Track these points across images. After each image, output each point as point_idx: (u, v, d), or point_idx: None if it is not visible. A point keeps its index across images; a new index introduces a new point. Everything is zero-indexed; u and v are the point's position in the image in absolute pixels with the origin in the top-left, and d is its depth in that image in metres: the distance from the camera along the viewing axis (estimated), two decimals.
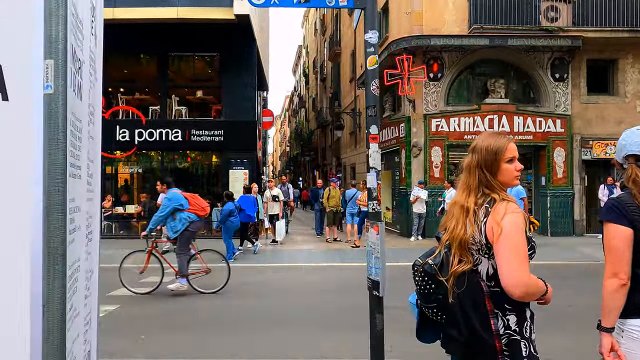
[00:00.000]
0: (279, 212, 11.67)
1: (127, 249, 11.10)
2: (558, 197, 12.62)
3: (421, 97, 12.75)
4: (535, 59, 12.77)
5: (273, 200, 11.55)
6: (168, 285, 7.05)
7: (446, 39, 11.93)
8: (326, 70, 28.65)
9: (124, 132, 12.87)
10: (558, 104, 12.81)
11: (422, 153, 12.73)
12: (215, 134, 12.86)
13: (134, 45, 13.02)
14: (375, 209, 2.99)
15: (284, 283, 7.61)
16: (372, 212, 3.01)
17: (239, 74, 12.97)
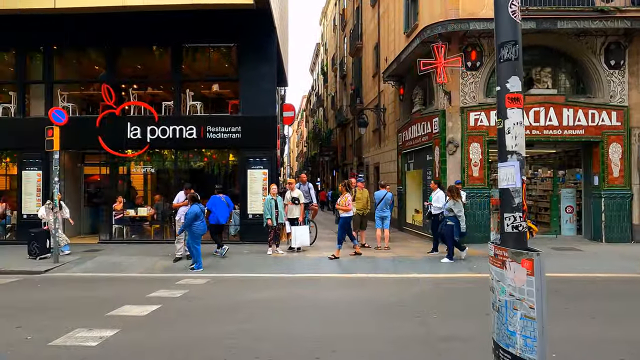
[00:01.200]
0: (300, 215, 10.61)
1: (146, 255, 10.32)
2: (614, 199, 11.24)
3: (457, 89, 11.54)
4: (586, 44, 11.42)
5: (293, 203, 10.50)
6: None
7: (487, 23, 10.69)
8: (346, 67, 27.56)
9: (135, 130, 12.02)
10: (613, 94, 11.43)
11: (458, 150, 11.51)
12: (232, 131, 11.90)
13: (146, 36, 12.19)
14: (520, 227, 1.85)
15: (304, 301, 6.52)
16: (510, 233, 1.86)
17: (258, 66, 11.98)
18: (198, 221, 8.56)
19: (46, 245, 10.00)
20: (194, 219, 8.48)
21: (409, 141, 14.20)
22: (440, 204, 9.90)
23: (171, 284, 7.58)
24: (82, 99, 13.50)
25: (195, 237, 8.60)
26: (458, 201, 9.16)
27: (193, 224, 8.51)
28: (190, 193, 9.06)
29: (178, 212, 9.44)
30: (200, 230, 8.64)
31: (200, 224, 8.62)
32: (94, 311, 5.73)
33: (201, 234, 8.70)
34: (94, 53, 12.73)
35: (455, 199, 9.16)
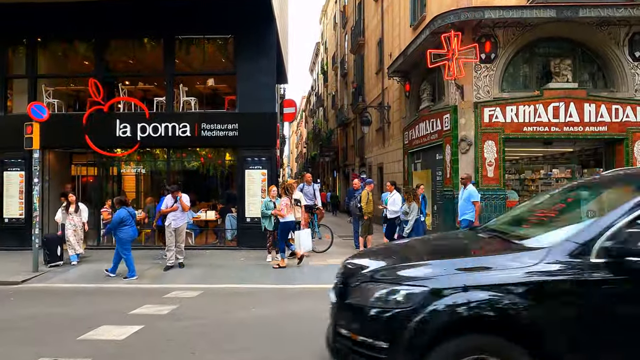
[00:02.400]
0: (302, 219, 9.80)
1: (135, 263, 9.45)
2: None
3: (470, 83, 10.74)
4: (609, 35, 10.64)
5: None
6: None
7: (503, 11, 9.91)
8: (347, 65, 26.78)
9: (125, 127, 11.20)
10: (638, 88, 10.64)
11: (472, 148, 10.71)
12: (228, 129, 11.09)
13: (137, 28, 11.38)
14: None
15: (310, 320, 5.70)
16: None
17: (256, 59, 11.18)
18: (126, 226, 7.97)
19: (57, 253, 9.19)
20: (119, 223, 7.89)
21: (416, 140, 13.40)
22: (396, 207, 9.05)
23: (159, 297, 6.77)
24: (69, 95, 12.70)
25: (123, 243, 8.00)
26: (413, 204, 8.33)
27: (119, 229, 7.91)
28: (117, 198, 8.55)
29: (167, 217, 8.60)
30: (128, 235, 8.05)
31: (129, 229, 8.03)
32: (63, 334, 4.91)
33: (129, 240, 8.10)
34: (82, 46, 11.91)
35: (410, 202, 8.39)
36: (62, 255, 9.26)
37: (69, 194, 9.61)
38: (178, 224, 8.65)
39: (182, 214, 8.69)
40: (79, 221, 9.43)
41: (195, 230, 11.59)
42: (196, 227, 11.67)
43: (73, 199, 9.50)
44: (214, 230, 11.91)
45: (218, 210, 11.81)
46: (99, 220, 11.41)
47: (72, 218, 9.36)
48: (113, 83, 12.06)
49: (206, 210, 11.77)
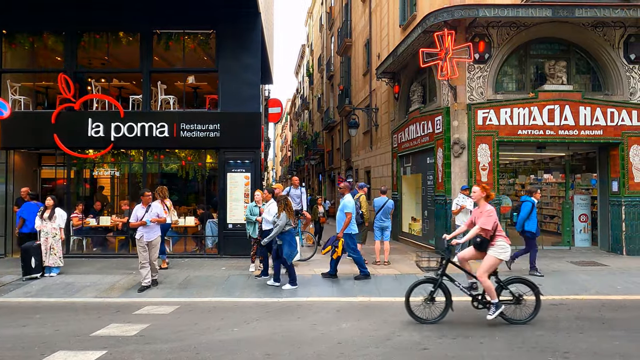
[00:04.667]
0: None
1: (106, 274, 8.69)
2: (635, 207, 10.18)
3: (464, 84, 10.35)
4: (604, 37, 10.39)
5: None
6: None
7: (498, 9, 9.53)
8: (334, 66, 26.33)
9: (97, 127, 10.44)
10: (633, 91, 10.42)
11: (465, 152, 10.30)
12: (210, 129, 10.43)
13: (111, 21, 10.64)
14: None
15: (298, 344, 5.10)
16: None
17: (240, 56, 10.57)
18: None
19: (31, 264, 8.17)
20: None
21: (406, 143, 12.96)
22: (271, 216, 7.97)
23: (129, 313, 6.08)
24: (37, 92, 11.83)
25: None
26: (283, 214, 7.37)
27: None
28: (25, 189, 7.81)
29: (138, 230, 7.41)
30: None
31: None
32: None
33: None
34: (51, 39, 11.09)
35: (281, 211, 7.39)
36: (39, 267, 8.26)
37: (47, 198, 8.67)
38: (151, 237, 7.44)
39: (155, 225, 7.55)
40: (52, 229, 8.48)
41: (173, 237, 10.87)
42: (174, 233, 10.96)
43: (50, 203, 8.52)
44: (193, 237, 11.21)
45: (198, 215, 11.12)
46: (68, 225, 10.58)
47: (45, 225, 8.44)
48: (85, 79, 11.29)
49: (185, 216, 11.06)
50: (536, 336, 4.92)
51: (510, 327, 5.29)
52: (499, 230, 5.46)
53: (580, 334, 4.98)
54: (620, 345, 4.61)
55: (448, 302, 5.42)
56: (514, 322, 5.35)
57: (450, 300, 5.43)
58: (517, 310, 5.42)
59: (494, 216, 5.42)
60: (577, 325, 5.32)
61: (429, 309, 5.44)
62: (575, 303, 6.44)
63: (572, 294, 6.91)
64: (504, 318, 5.38)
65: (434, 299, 5.44)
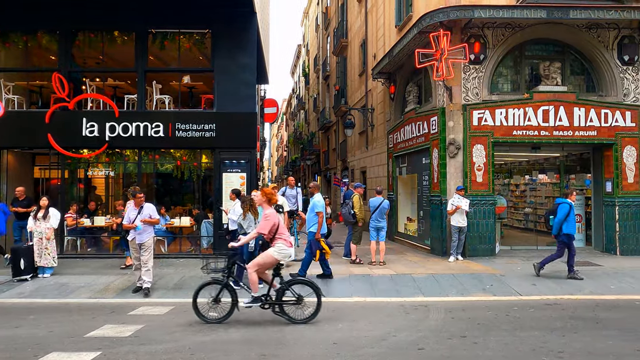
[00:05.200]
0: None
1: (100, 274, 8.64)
2: (629, 207, 10.24)
3: (459, 84, 10.38)
4: (598, 38, 10.46)
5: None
6: None
7: (494, 10, 9.56)
8: (330, 67, 26.33)
9: (92, 126, 10.38)
10: (627, 92, 10.49)
11: (460, 152, 10.33)
12: (205, 129, 10.40)
13: (106, 20, 10.57)
14: None
15: (291, 345, 5.10)
16: None
17: (236, 55, 10.54)
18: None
19: (20, 266, 8.06)
20: None
21: (402, 143, 12.98)
22: (236, 216, 7.84)
23: (123, 314, 6.05)
24: (31, 91, 11.75)
25: None
26: (248, 215, 7.31)
27: None
28: None
29: (130, 232, 7.20)
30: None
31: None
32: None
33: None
34: (45, 38, 11.00)
35: (246, 212, 7.32)
36: (29, 269, 8.15)
37: (42, 198, 8.61)
38: (143, 239, 7.15)
39: (148, 226, 7.30)
40: (46, 228, 8.39)
41: (168, 237, 10.84)
42: (169, 234, 10.92)
43: (45, 203, 8.43)
44: (188, 237, 11.17)
45: (193, 215, 11.09)
46: (62, 225, 10.51)
47: (39, 225, 8.37)
48: (80, 79, 11.22)
49: (180, 216, 11.02)
50: (531, 336, 4.94)
51: (505, 327, 5.31)
52: (279, 233, 5.61)
53: (574, 334, 5.01)
54: (613, 345, 4.64)
55: (234, 302, 5.55)
56: (295, 322, 5.46)
57: (237, 300, 5.56)
58: (298, 310, 5.53)
59: (272, 220, 5.59)
60: (571, 325, 5.35)
61: (214, 310, 5.57)
62: (569, 303, 6.48)
63: (566, 294, 6.94)
64: (286, 317, 5.48)
65: (219, 299, 5.58)
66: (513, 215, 14.67)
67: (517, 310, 6.08)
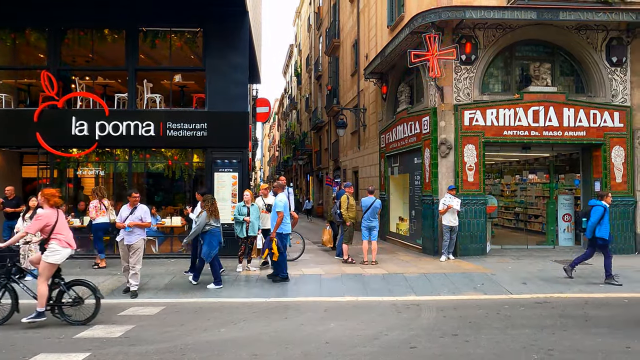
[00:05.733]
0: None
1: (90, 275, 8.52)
2: (617, 207, 10.38)
3: (451, 84, 10.44)
4: (587, 40, 10.59)
5: (267, 211, 9.05)
6: None
7: (485, 11, 9.64)
8: (322, 67, 26.34)
9: (81, 125, 10.25)
10: (615, 93, 10.63)
11: (452, 152, 10.39)
12: (196, 128, 10.34)
13: (96, 18, 10.45)
14: None
15: (286, 344, 5.09)
16: None
17: (227, 55, 10.49)
18: None
19: None
20: None
21: (394, 143, 13.02)
22: (195, 216, 8.01)
23: (113, 314, 5.99)
24: (19, 89, 11.59)
25: None
26: (203, 213, 7.46)
27: None
28: None
29: (120, 232, 7.12)
30: None
31: None
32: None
33: None
34: (34, 35, 10.85)
35: (202, 211, 7.50)
36: None
37: (30, 198, 8.46)
38: (131, 240, 6.97)
39: (138, 228, 7.13)
40: None
41: (159, 237, 10.75)
42: (160, 233, 10.83)
43: (34, 203, 8.30)
44: (180, 237, 11.07)
45: (185, 215, 11.00)
46: None
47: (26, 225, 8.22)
48: (69, 77, 11.08)
49: (172, 216, 10.94)
50: (521, 334, 4.98)
51: (495, 326, 5.34)
52: (55, 234, 5.49)
53: (564, 332, 5.06)
54: (603, 342, 4.69)
55: (14, 304, 5.51)
56: (74, 323, 5.44)
57: (17, 302, 5.51)
58: (77, 311, 5.53)
59: (44, 220, 5.45)
60: (561, 323, 5.40)
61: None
62: (559, 301, 6.55)
63: (556, 292, 7.01)
64: (65, 320, 5.47)
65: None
66: (504, 215, 14.80)
67: (508, 308, 6.13)
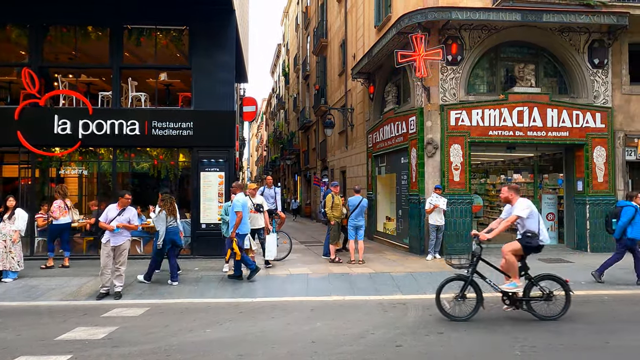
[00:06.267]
0: (265, 225, 9.18)
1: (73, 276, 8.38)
2: (599, 205, 10.58)
3: (437, 85, 10.52)
4: (570, 42, 10.77)
5: (256, 211, 9.01)
6: None
7: (470, 12, 9.75)
8: (310, 66, 26.33)
9: (64, 124, 10.07)
10: (597, 94, 10.83)
11: (438, 152, 10.47)
12: (182, 127, 10.23)
13: (80, 14, 10.27)
14: None
15: (272, 344, 5.07)
16: None
17: (214, 53, 10.40)
18: None
19: None
20: None
21: (381, 143, 13.08)
22: (155, 215, 8.10)
23: (97, 316, 5.89)
24: (0, 87, 11.33)
25: None
26: (163, 212, 7.58)
27: None
28: None
29: (105, 233, 6.90)
30: None
31: None
32: None
33: None
34: (15, 31, 10.62)
35: (161, 209, 7.61)
36: None
37: (8, 198, 8.26)
38: (118, 242, 6.86)
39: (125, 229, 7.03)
40: (11, 230, 8.00)
41: (144, 237, 10.61)
42: (146, 234, 10.68)
43: (12, 203, 8.08)
44: None
45: None
46: (33, 226, 10.18)
47: (4, 226, 8.03)
48: (51, 75, 10.89)
49: None
50: (504, 331, 5.03)
51: (479, 323, 5.39)
52: None
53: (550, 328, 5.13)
54: (584, 339, 4.77)
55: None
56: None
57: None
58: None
59: None
60: None
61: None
62: None
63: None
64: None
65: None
66: (489, 214, 14.94)
67: (492, 306, 6.18)
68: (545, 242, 5.56)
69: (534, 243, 5.45)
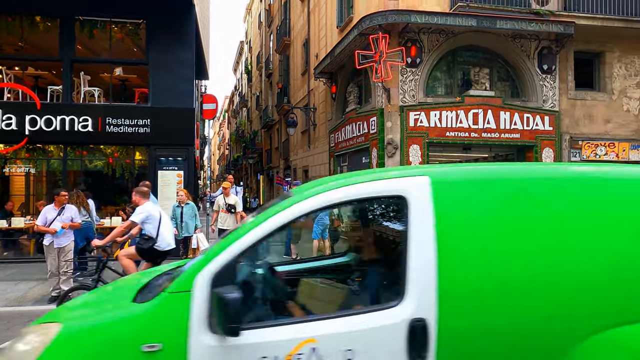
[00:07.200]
0: (233, 225, 9.00)
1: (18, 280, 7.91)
2: None
3: (397, 86, 10.73)
4: (521, 48, 11.28)
5: (228, 211, 8.78)
6: None
7: (428, 17, 10.02)
8: (273, 65, 26.15)
9: (9, 119, 9.50)
10: (545, 98, 11.42)
11: (398, 152, 10.69)
12: (139, 124, 9.90)
13: (26, 3, 9.72)
14: None
15: None
16: None
17: (173, 49, 10.14)
18: None
19: None
20: None
21: (343, 142, 13.19)
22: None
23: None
24: None
25: None
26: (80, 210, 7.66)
27: None
28: None
29: (47, 235, 6.55)
30: None
31: None
32: None
33: None
34: None
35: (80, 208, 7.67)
36: None
37: None
38: (62, 243, 6.59)
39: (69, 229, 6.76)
40: None
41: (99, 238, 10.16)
42: (100, 235, 10.24)
43: None
44: None
45: (126, 214, 10.50)
46: None
47: None
48: None
49: (112, 216, 10.39)
50: None
51: None
52: None
53: None
54: None
55: None
56: None
57: None
58: None
59: None
60: None
61: None
62: None
63: None
64: None
65: None
66: None
67: None
68: (163, 247, 5.53)
69: (145, 246, 5.51)
